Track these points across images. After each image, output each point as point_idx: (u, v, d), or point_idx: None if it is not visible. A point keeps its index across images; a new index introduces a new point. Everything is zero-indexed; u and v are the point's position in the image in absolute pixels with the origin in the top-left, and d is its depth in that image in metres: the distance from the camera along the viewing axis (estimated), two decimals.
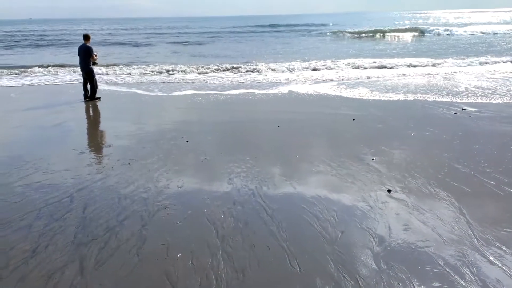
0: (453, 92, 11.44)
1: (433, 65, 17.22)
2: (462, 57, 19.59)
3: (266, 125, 8.41)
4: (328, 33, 42.19)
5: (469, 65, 17.06)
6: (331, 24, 63.70)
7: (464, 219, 4.37)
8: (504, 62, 17.31)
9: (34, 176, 5.74)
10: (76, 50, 11.77)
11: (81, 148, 7.17)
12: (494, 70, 15.39)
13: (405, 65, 17.25)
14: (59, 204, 4.85)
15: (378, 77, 14.62)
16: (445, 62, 17.82)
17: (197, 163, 6.18)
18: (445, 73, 15.19)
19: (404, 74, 15.05)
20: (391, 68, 16.69)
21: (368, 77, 14.56)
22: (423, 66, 16.96)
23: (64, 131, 8.36)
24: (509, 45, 26.42)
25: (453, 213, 4.49)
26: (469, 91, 11.56)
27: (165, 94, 12.33)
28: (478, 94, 11.09)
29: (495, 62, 17.35)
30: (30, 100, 11.84)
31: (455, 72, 15.29)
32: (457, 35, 37.42)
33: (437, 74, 14.92)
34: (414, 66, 17.08)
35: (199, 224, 4.37)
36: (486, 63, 17.38)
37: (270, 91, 12.43)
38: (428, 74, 15.09)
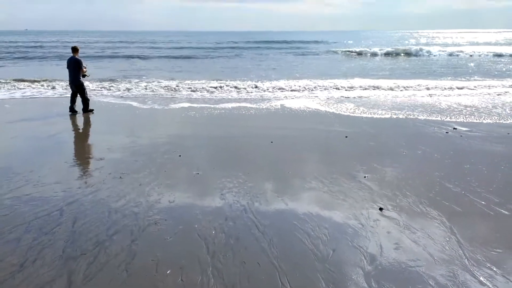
0: (443, 111, 11.56)
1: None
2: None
3: (259, 140, 8.43)
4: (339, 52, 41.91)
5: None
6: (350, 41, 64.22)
7: (455, 238, 4.38)
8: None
9: (24, 188, 5.68)
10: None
11: (73, 160, 7.13)
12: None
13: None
14: (49, 217, 4.80)
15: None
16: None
17: (190, 178, 6.16)
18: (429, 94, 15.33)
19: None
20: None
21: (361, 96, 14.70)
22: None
23: (56, 143, 8.31)
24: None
25: (444, 233, 4.50)
26: (460, 110, 11.69)
27: (159, 107, 12.33)
28: (468, 113, 11.21)
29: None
30: (23, 112, 11.79)
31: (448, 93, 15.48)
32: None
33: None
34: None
35: (190, 239, 4.33)
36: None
37: (263, 105, 12.49)
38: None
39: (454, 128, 9.37)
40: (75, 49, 11.21)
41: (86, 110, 11.31)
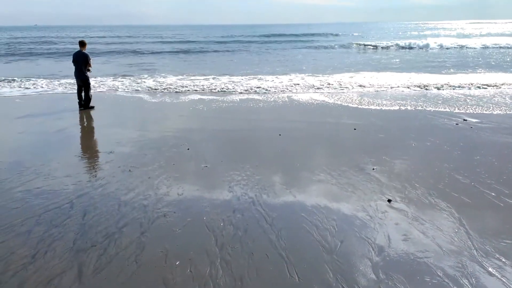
0: (454, 103, 11.45)
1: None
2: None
3: (267, 133, 8.43)
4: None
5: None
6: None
7: (464, 229, 4.36)
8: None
9: (34, 182, 5.75)
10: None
11: (83, 154, 7.20)
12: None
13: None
14: (59, 210, 4.86)
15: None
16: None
17: (198, 171, 6.19)
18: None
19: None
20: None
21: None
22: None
23: (66, 137, 8.39)
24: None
25: (452, 224, 4.48)
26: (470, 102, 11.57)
27: (169, 100, 12.37)
28: (479, 105, 11.10)
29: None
30: (32, 107, 11.90)
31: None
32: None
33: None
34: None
35: (199, 231, 4.37)
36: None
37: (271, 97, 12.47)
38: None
39: (464, 120, 9.28)
40: (82, 43, 11.08)
41: (87, 106, 11.23)
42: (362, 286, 3.43)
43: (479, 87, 14.14)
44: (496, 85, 14.55)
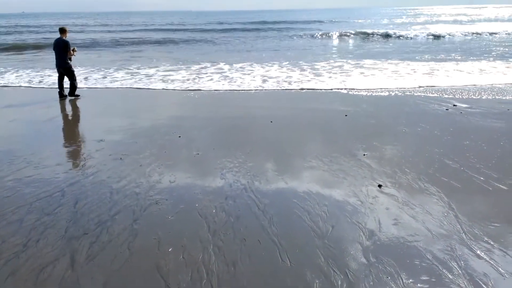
0: (444, 88, 11.51)
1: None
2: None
3: (258, 120, 8.43)
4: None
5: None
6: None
7: (453, 213, 4.42)
8: None
9: (25, 170, 5.72)
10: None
11: (73, 142, 7.16)
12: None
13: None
14: (50, 198, 4.85)
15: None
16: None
17: (190, 158, 6.19)
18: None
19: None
20: None
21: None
22: None
23: (56, 126, 8.33)
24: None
25: (442, 208, 4.54)
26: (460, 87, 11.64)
27: (159, 89, 12.30)
28: (469, 90, 11.17)
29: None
30: (21, 97, 11.77)
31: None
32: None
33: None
34: None
35: (191, 218, 4.38)
36: None
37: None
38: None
39: (454, 105, 9.35)
40: (62, 30, 10.69)
41: (73, 94, 11.05)
42: (353, 270, 3.48)
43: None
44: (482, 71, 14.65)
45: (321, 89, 11.76)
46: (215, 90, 11.97)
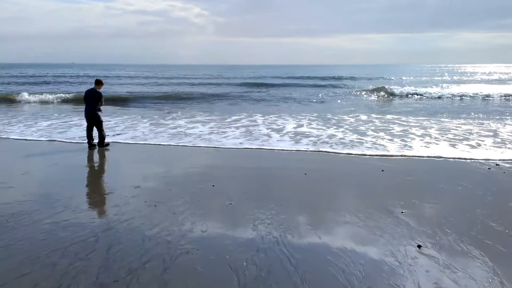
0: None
1: None
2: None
3: (292, 172, 8.38)
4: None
5: None
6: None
7: (498, 279, 4.13)
8: None
9: (62, 214, 5.84)
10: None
11: (110, 188, 7.31)
12: None
13: None
14: (85, 243, 4.89)
15: None
16: None
17: (222, 208, 6.16)
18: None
19: None
20: None
21: None
22: None
23: (94, 172, 8.57)
24: None
25: (486, 273, 4.26)
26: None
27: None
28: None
29: None
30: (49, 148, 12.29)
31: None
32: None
33: None
34: None
35: (221, 270, 4.29)
36: None
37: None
38: None
39: (496, 164, 9.00)
40: (99, 82, 11.10)
41: (102, 145, 11.02)
42: None
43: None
44: None
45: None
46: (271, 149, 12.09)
